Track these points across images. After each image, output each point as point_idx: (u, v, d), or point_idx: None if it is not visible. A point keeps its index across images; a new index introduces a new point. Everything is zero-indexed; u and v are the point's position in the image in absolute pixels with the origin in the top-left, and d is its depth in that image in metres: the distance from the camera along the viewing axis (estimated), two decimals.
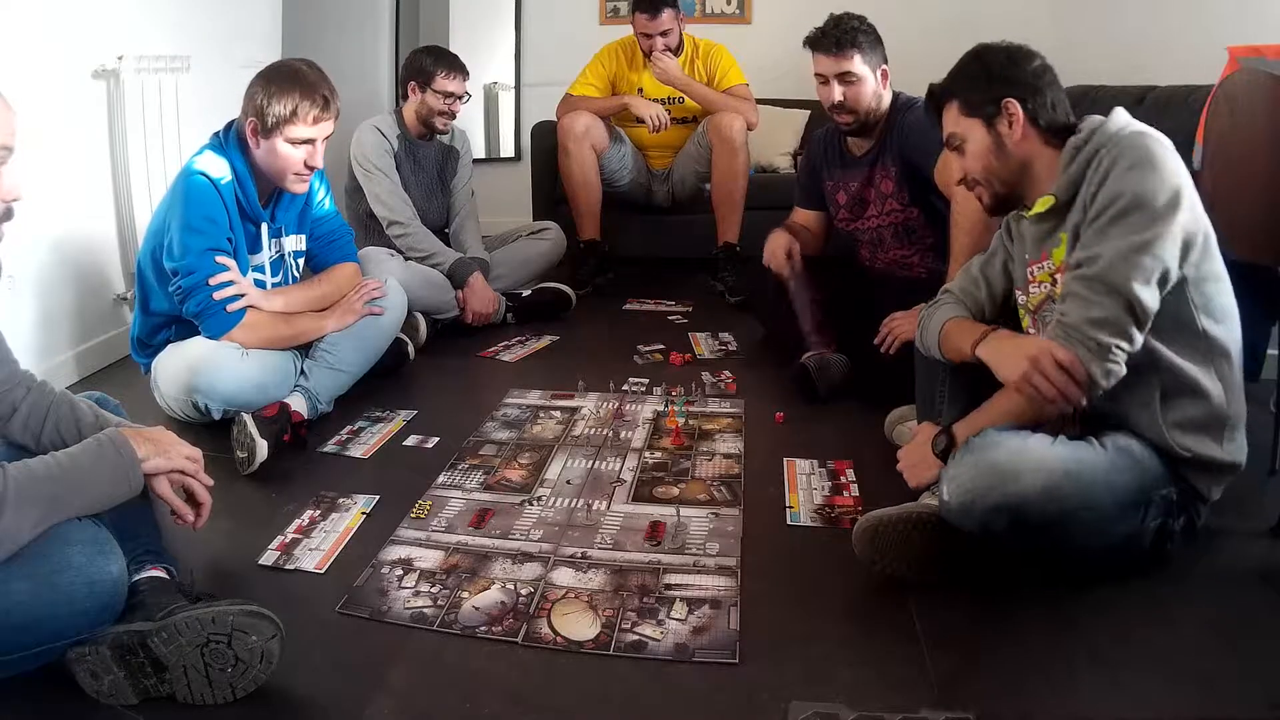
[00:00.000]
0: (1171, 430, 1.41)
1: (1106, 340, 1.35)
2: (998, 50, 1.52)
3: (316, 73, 2.00)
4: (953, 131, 1.55)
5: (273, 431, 1.88)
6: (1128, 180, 1.34)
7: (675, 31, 3.22)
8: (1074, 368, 1.33)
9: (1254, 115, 1.81)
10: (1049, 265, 1.51)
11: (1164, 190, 1.33)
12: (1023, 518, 1.32)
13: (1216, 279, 1.41)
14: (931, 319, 1.66)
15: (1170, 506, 1.42)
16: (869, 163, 2.37)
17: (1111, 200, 1.35)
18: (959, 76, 1.55)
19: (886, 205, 2.36)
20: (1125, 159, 1.36)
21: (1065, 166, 1.45)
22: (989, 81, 1.49)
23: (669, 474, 1.87)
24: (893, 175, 2.32)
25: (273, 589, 1.45)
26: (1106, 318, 1.34)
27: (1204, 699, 1.21)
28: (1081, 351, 1.35)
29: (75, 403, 1.35)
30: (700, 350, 2.71)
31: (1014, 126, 1.48)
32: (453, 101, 2.91)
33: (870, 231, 2.41)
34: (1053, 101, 1.49)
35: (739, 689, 1.23)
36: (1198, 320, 1.40)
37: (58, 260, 2.42)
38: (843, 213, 2.46)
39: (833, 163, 2.48)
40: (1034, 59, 1.51)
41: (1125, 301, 1.33)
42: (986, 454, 1.35)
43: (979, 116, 1.50)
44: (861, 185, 2.40)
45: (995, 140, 1.50)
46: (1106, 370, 1.35)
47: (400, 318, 2.37)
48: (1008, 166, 1.51)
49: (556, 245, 3.24)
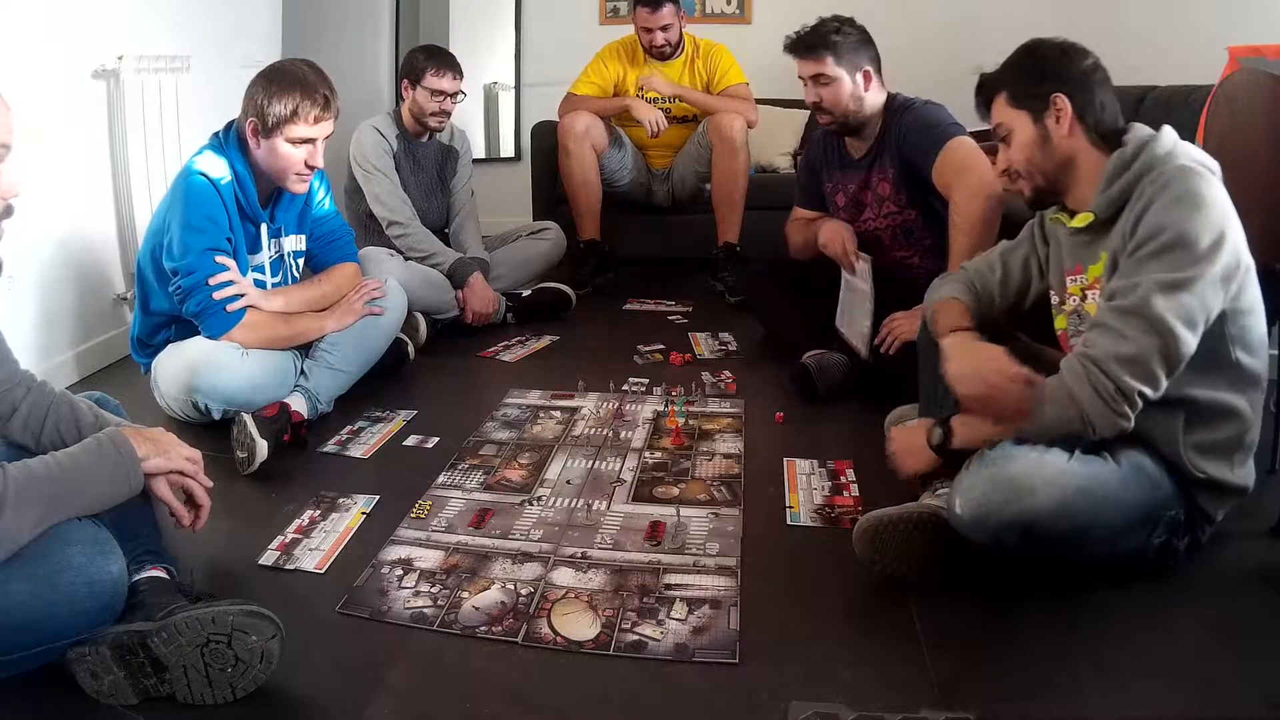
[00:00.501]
0: (1189, 451, 1.39)
1: (1129, 383, 1.30)
2: (1051, 45, 1.50)
3: (317, 73, 2.00)
4: (1000, 122, 1.53)
5: (273, 431, 1.88)
6: (1171, 216, 1.31)
7: (675, 27, 3.23)
8: (1027, 417, 1.34)
9: (1254, 115, 1.82)
10: (1082, 279, 1.50)
11: (1208, 231, 1.30)
12: (1035, 533, 1.30)
13: (1252, 311, 1.38)
14: (935, 291, 1.69)
15: (1176, 526, 1.41)
16: (866, 165, 2.37)
17: (1153, 234, 1.32)
18: (1010, 68, 1.52)
19: (884, 208, 2.36)
20: (1170, 192, 1.32)
21: (1107, 184, 1.42)
22: (1040, 75, 1.47)
23: (669, 474, 1.87)
24: (890, 177, 2.32)
25: (273, 589, 1.45)
26: (1136, 356, 1.30)
27: (1204, 699, 1.21)
28: (1088, 394, 1.31)
29: (75, 403, 1.35)
30: (700, 350, 2.71)
31: (1061, 121, 1.46)
32: (443, 100, 2.89)
33: (868, 235, 2.40)
34: (1102, 102, 1.46)
35: (739, 689, 1.23)
36: (1232, 353, 1.37)
37: (58, 260, 2.42)
38: (841, 215, 2.46)
39: (832, 164, 2.48)
40: (1087, 57, 1.48)
41: (1160, 341, 1.29)
42: (1002, 467, 1.33)
43: (1027, 109, 1.49)
44: (859, 188, 2.40)
45: (1041, 134, 1.48)
46: (1113, 423, 1.32)
47: (400, 318, 2.37)
48: (1052, 161, 1.49)
49: (556, 245, 3.24)
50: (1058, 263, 1.57)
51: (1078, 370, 1.34)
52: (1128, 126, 1.46)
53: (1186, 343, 1.30)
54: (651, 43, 3.24)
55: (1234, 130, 1.88)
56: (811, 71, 2.29)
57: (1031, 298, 1.66)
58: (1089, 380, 1.32)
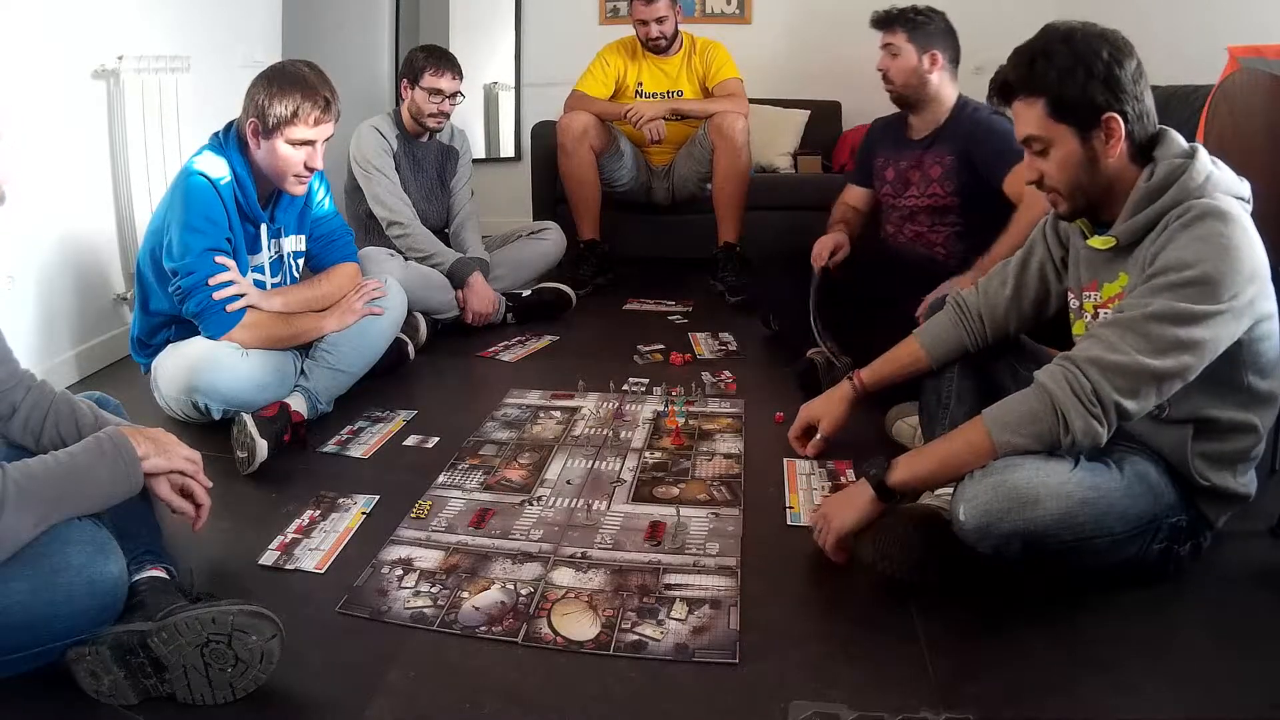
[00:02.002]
0: (1196, 460, 1.38)
1: (1106, 390, 1.26)
2: (1094, 40, 1.31)
3: (318, 74, 2.00)
4: (1034, 134, 1.36)
5: (273, 431, 1.88)
6: (1197, 253, 1.24)
7: (671, 20, 3.23)
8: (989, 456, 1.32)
9: (1254, 115, 1.82)
10: (1095, 296, 1.45)
11: (1234, 278, 1.23)
12: (1038, 542, 1.29)
13: (1269, 336, 1.33)
14: (926, 326, 1.71)
15: (1178, 533, 1.40)
16: (923, 146, 2.49)
17: (1174, 267, 1.25)
18: (1049, 69, 1.31)
19: (930, 189, 2.48)
20: (1194, 231, 1.25)
21: (1132, 211, 1.33)
22: (1090, 87, 1.29)
23: (669, 474, 1.87)
24: (945, 164, 2.44)
25: (273, 589, 1.45)
26: (1123, 366, 1.25)
27: (1204, 699, 1.21)
28: (1065, 393, 1.27)
29: (75, 403, 1.35)
30: (700, 350, 2.71)
31: (1112, 143, 1.32)
32: (441, 100, 2.89)
33: (906, 209, 2.55)
34: (1146, 112, 1.33)
35: (739, 689, 1.23)
36: (1245, 378, 1.34)
37: (58, 260, 2.42)
38: (887, 188, 2.60)
39: (888, 142, 2.61)
40: (1132, 55, 1.31)
41: (1155, 360, 1.24)
42: (1006, 476, 1.29)
43: (1072, 124, 1.32)
44: (910, 165, 2.52)
45: (1088, 155, 1.33)
46: (1089, 427, 1.27)
47: (400, 318, 2.37)
48: (1096, 184, 1.36)
49: (556, 245, 3.24)
50: (1075, 271, 1.50)
51: (1054, 370, 1.31)
52: (1160, 134, 1.36)
53: (1186, 369, 1.26)
54: (647, 35, 3.24)
55: (1234, 130, 1.88)
56: (883, 41, 2.47)
57: (1054, 303, 1.59)
58: (1065, 378, 1.29)
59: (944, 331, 1.66)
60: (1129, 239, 1.36)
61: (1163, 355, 1.25)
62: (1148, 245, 1.32)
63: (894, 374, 1.76)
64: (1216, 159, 1.35)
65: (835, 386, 1.89)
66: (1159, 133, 1.37)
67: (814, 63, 4.09)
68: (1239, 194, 1.33)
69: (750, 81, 3.36)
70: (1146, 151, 1.36)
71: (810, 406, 1.91)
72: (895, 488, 1.41)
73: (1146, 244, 1.33)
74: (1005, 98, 1.40)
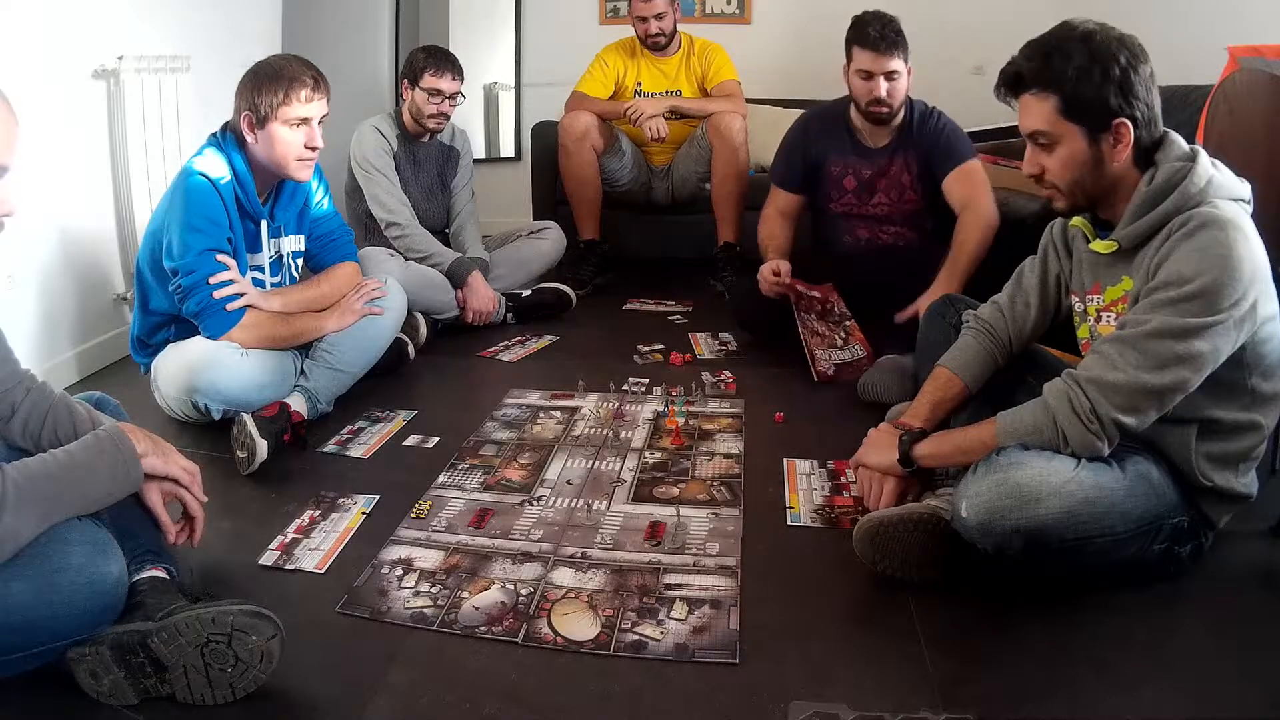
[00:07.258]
0: (1200, 460, 1.38)
1: (1105, 408, 1.30)
2: (1113, 44, 1.31)
3: (301, 60, 2.03)
4: (1041, 129, 1.37)
5: (273, 431, 1.88)
6: (1197, 266, 1.25)
7: (669, 17, 3.23)
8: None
9: (1254, 115, 1.82)
10: (1098, 300, 1.46)
11: (1233, 287, 1.25)
12: (1040, 540, 1.29)
13: (1271, 337, 1.34)
14: (953, 349, 1.66)
15: (1179, 534, 1.40)
16: (888, 154, 2.47)
17: (1175, 281, 1.27)
18: (1067, 66, 1.31)
19: (904, 195, 2.48)
20: (1195, 241, 1.27)
21: (1134, 217, 1.35)
22: (1104, 86, 1.30)
23: (669, 474, 1.87)
24: (913, 170, 2.44)
25: (273, 589, 1.45)
26: (1122, 385, 1.29)
27: (1204, 699, 1.21)
28: (1064, 410, 1.32)
29: (73, 405, 1.35)
30: (700, 350, 2.71)
31: (1119, 148, 1.33)
32: (441, 100, 2.89)
33: (874, 215, 2.52)
34: (1155, 117, 1.34)
35: (739, 689, 1.23)
36: (1248, 381, 1.35)
37: (58, 260, 2.42)
38: (848, 196, 2.54)
39: (842, 148, 2.53)
40: (1147, 62, 1.32)
41: (1154, 377, 1.27)
42: (1009, 474, 1.31)
43: (1082, 125, 1.34)
44: (875, 174, 2.50)
45: (1094, 156, 1.35)
46: (1086, 441, 1.32)
47: (400, 318, 2.37)
48: (1099, 184, 1.38)
49: (556, 245, 3.24)
50: (1079, 275, 1.52)
51: (1059, 387, 1.36)
52: (1163, 136, 1.37)
53: (1185, 382, 1.29)
54: (646, 32, 3.24)
55: (1234, 130, 1.88)
56: (887, 67, 2.35)
57: (1066, 308, 1.61)
58: (1067, 396, 1.34)
59: (975, 358, 1.63)
60: (1131, 243, 1.38)
61: (1161, 371, 1.28)
62: (1151, 252, 1.34)
63: (948, 414, 1.64)
64: (1217, 161, 1.36)
65: (888, 448, 1.57)
66: (1161, 135, 1.38)
67: (814, 63, 4.07)
68: (1239, 196, 1.34)
69: (750, 81, 3.36)
70: (1148, 154, 1.37)
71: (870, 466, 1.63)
72: (916, 459, 1.51)
73: (1150, 250, 1.34)
74: (1014, 89, 1.40)
